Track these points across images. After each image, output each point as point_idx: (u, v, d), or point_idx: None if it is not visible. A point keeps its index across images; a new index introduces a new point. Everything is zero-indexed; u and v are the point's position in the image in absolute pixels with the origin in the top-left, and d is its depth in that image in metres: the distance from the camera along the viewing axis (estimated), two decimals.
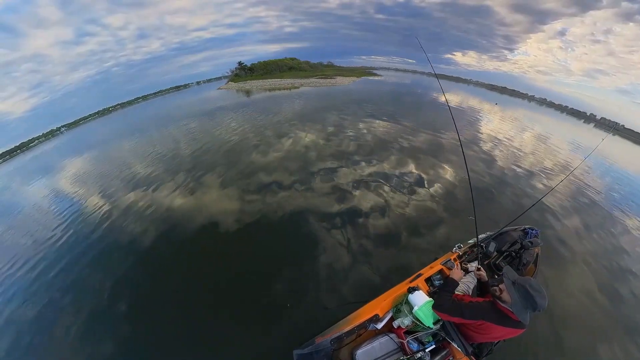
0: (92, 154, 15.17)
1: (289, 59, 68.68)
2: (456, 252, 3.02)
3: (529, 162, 9.34)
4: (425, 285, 2.58)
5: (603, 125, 45.28)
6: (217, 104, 24.37)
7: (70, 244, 5.62)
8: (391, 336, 2.30)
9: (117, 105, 69.37)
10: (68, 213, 7.26)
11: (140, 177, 8.58)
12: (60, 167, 13.80)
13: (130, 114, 39.44)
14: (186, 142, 11.68)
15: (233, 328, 3.25)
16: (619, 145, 26.23)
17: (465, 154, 3.13)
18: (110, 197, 7.57)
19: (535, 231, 3.45)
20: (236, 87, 41.93)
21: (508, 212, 5.42)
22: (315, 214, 5.29)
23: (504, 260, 3.07)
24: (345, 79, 43.01)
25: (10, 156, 42.81)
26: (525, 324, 1.64)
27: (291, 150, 8.89)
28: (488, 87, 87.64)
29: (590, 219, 6.18)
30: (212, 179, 7.35)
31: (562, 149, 13.20)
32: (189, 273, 4.24)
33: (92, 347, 3.32)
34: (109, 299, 3.99)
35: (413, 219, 5.17)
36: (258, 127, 12.69)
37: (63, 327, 3.66)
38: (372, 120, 13.03)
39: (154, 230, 5.39)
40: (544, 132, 17.28)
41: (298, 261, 4.14)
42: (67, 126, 57.74)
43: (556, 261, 4.44)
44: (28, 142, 51.82)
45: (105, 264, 4.75)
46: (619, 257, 4.90)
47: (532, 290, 1.57)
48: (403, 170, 7.28)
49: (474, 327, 1.86)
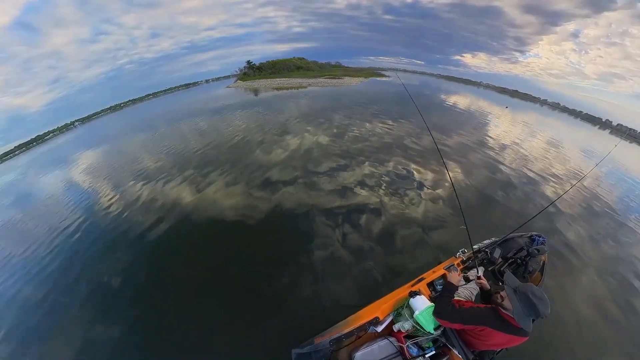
0: (104, 147, 15.59)
1: (297, 58, 69.01)
2: (460, 256, 2.97)
3: (538, 168, 9.11)
4: (427, 289, 2.54)
5: (619, 132, 43.66)
6: (226, 102, 24.67)
7: (80, 232, 5.80)
8: (391, 340, 2.28)
9: (129, 102, 70.93)
10: (78, 203, 7.51)
11: (148, 170, 8.77)
12: (73, 159, 14.22)
13: (141, 109, 40.31)
14: (194, 139, 11.88)
15: (232, 324, 3.27)
16: (636, 154, 25.29)
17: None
18: (119, 189, 7.78)
19: (542, 238, 3.36)
20: (244, 85, 42.30)
21: (514, 218, 5.29)
22: (318, 212, 5.29)
23: (509, 267, 3.01)
24: (353, 80, 42.88)
25: (27, 148, 44.39)
26: (528, 331, 1.62)
27: (296, 149, 8.91)
28: (498, 90, 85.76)
29: (602, 227, 5.98)
30: (218, 174, 7.45)
31: (573, 155, 12.83)
32: (189, 267, 4.30)
33: (91, 329, 3.47)
34: (109, 286, 4.14)
35: (417, 221, 5.11)
36: (265, 125, 12.78)
37: (70, 310, 3.81)
38: (378, 121, 12.94)
39: (159, 223, 5.50)
40: (556, 138, 16.80)
41: (299, 260, 4.14)
42: (81, 121, 59.44)
43: (563, 270, 4.31)
44: (43, 135, 53.53)
45: (111, 253, 4.90)
46: (630, 268, 4.72)
47: (533, 297, 1.55)
48: (408, 172, 7.21)
49: (475, 333, 1.84)
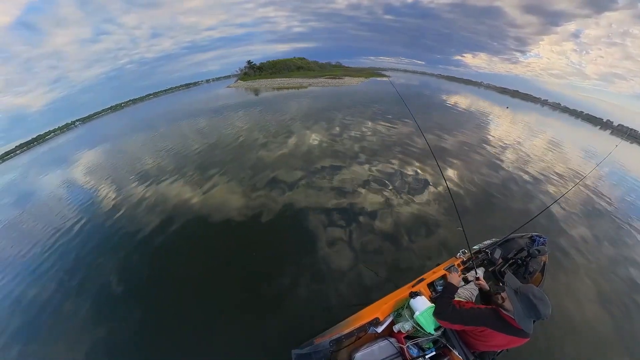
0: (104, 147, 15.60)
1: (298, 58, 68.96)
2: (460, 257, 2.97)
3: (539, 168, 9.08)
4: (427, 290, 2.54)
5: (620, 133, 43.52)
6: (226, 102, 24.67)
7: (80, 232, 5.80)
8: (391, 340, 2.27)
9: (129, 102, 70.96)
10: (79, 202, 7.51)
11: (149, 170, 8.77)
12: (74, 159, 14.23)
13: (142, 109, 40.31)
14: (194, 138, 11.88)
15: (232, 324, 3.27)
16: (637, 154, 25.21)
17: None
18: (119, 189, 7.78)
19: (542, 239, 3.36)
20: (245, 85, 42.31)
21: (515, 218, 5.26)
22: (318, 212, 5.29)
23: (509, 267, 3.00)
24: (353, 80, 42.86)
25: (28, 147, 44.45)
26: (529, 332, 1.62)
27: (297, 149, 8.91)
28: (499, 90, 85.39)
29: (603, 228, 5.96)
30: (218, 174, 7.45)
31: (574, 156, 12.79)
32: (190, 267, 4.30)
33: (91, 329, 3.47)
34: (109, 284, 4.16)
35: (417, 221, 5.10)
36: (265, 125, 12.77)
37: (68, 308, 3.83)
38: (378, 121, 12.92)
39: (159, 222, 5.50)
40: (557, 138, 16.76)
41: (299, 260, 4.13)
42: (81, 120, 59.47)
43: (564, 271, 4.30)
44: (44, 135, 53.57)
45: (111, 253, 4.89)
46: (631, 269, 4.71)
47: (534, 298, 1.55)
48: (407, 172, 7.20)
49: (476, 334, 1.83)
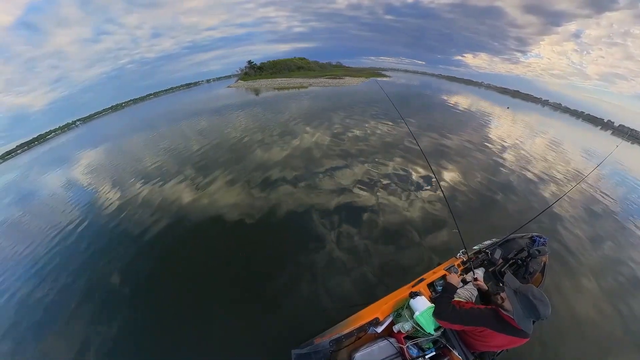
0: (105, 147, 15.62)
1: (298, 58, 68.95)
2: (460, 257, 2.97)
3: (539, 168, 9.07)
4: (427, 290, 2.54)
5: (621, 133, 43.48)
6: (227, 101, 24.70)
7: (81, 231, 5.81)
8: (391, 341, 2.27)
9: (130, 101, 71.03)
10: (79, 201, 7.52)
11: (149, 170, 8.79)
12: (74, 159, 14.26)
13: (143, 109, 40.37)
14: (195, 138, 11.89)
15: (232, 324, 3.27)
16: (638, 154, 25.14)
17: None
18: (119, 188, 7.79)
19: (543, 239, 3.35)
20: (245, 85, 42.33)
21: (515, 219, 5.27)
22: (318, 212, 5.29)
23: (509, 268, 2.99)
24: (353, 80, 42.85)
25: (29, 147, 44.54)
26: (528, 332, 1.62)
27: (297, 149, 8.91)
28: (500, 90, 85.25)
29: (603, 228, 5.96)
30: (218, 174, 7.45)
31: (575, 156, 12.77)
32: (189, 267, 4.30)
33: (91, 328, 3.48)
34: (110, 284, 4.16)
35: (417, 222, 5.09)
36: (265, 125, 12.78)
37: (68, 307, 3.82)
38: (378, 121, 12.93)
39: (159, 222, 5.51)
40: (557, 138, 16.73)
41: (299, 259, 4.14)
42: (82, 120, 59.57)
43: (564, 271, 4.30)
44: (45, 134, 53.65)
45: (111, 252, 4.91)
46: (631, 270, 4.70)
47: (534, 298, 1.55)
48: (408, 172, 7.19)
49: (475, 334, 1.83)
